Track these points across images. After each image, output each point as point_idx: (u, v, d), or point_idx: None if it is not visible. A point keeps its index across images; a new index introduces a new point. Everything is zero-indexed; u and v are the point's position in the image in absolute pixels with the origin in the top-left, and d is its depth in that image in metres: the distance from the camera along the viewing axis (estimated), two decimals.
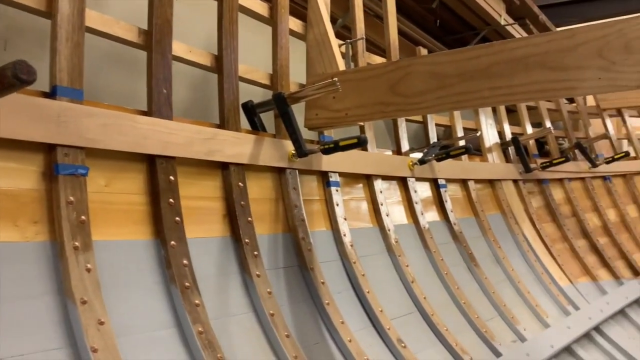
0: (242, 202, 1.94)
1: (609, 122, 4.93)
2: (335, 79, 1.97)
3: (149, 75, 1.78)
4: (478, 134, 3.29)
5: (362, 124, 2.37)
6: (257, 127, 2.24)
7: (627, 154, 4.27)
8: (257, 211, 2.03)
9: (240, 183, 1.96)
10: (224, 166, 1.95)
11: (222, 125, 1.99)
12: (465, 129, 3.64)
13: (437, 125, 3.61)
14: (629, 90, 1.71)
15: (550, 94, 1.85)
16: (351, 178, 2.60)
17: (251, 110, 2.22)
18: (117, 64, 2.32)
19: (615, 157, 4.26)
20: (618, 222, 4.42)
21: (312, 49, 2.42)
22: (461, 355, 2.34)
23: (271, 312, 1.82)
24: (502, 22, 4.20)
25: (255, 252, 1.91)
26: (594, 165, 4.26)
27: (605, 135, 4.61)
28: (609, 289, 3.69)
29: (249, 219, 1.95)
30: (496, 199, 3.61)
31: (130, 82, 2.28)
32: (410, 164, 2.91)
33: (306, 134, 2.41)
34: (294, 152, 2.15)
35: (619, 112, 5.09)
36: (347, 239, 2.34)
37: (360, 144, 1.99)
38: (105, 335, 1.36)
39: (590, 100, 5.22)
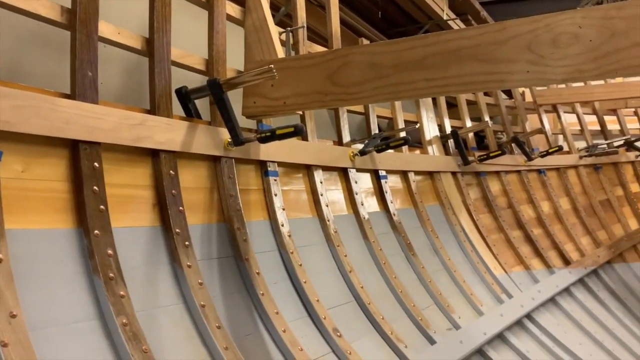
0: (174, 191, 1.88)
1: (544, 118, 5.11)
2: (272, 66, 1.94)
3: (72, 56, 1.69)
4: (417, 126, 3.33)
5: (301, 113, 2.34)
6: (191, 114, 2.17)
7: (560, 148, 4.44)
8: (190, 200, 1.97)
9: (171, 171, 1.90)
10: (154, 153, 1.88)
11: (153, 110, 1.92)
12: (406, 121, 3.68)
13: (379, 117, 3.63)
14: (555, 83, 1.77)
15: (481, 86, 1.89)
16: (291, 168, 2.57)
17: (185, 96, 2.15)
18: (45, 46, 2.19)
19: (550, 151, 4.41)
20: (551, 214, 4.59)
21: (251, 35, 2.37)
22: (396, 343, 2.37)
23: (202, 303, 1.77)
24: (445, 17, 4.27)
25: (187, 242, 1.85)
26: (530, 158, 4.40)
27: (541, 130, 4.77)
28: (541, 278, 3.84)
29: (180, 208, 1.89)
30: (435, 191, 3.68)
31: (60, 65, 2.16)
32: (351, 154, 2.92)
33: (245, 122, 2.38)
34: (229, 140, 2.11)
35: (554, 108, 5.28)
36: (285, 229, 2.32)
37: (297, 133, 1.96)
38: (16, 328, 1.28)
39: (529, 96, 5.39)
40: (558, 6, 1.82)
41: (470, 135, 4.28)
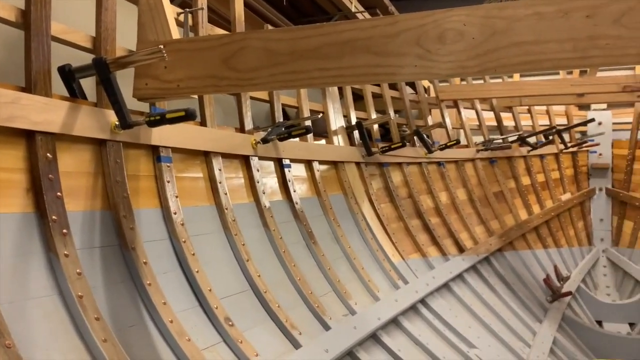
0: (50, 175, 1.75)
1: (446, 113, 5.33)
2: (161, 46, 1.84)
3: None
4: (320, 116, 3.34)
5: (195, 97, 2.26)
6: (75, 94, 2.03)
7: (457, 142, 4.64)
8: (70, 186, 1.85)
9: (48, 154, 1.76)
10: (28, 135, 1.74)
11: (29, 88, 1.77)
12: (312, 110, 3.68)
13: (286, 106, 3.62)
14: (440, 78, 1.82)
15: (373, 78, 1.90)
16: (187, 154, 2.48)
17: (69, 74, 2.01)
18: None
19: (448, 144, 4.61)
20: (449, 204, 4.81)
21: (144, 13, 2.24)
22: (290, 330, 2.37)
23: (79, 294, 1.67)
24: (353, 9, 4.31)
25: (65, 230, 1.73)
26: (430, 151, 4.56)
27: (441, 124, 4.97)
28: (436, 265, 4.01)
29: (59, 194, 1.76)
30: (339, 180, 3.72)
31: None
32: (254, 142, 2.87)
33: (139, 105, 2.26)
34: (117, 123, 1.99)
35: (455, 104, 5.52)
36: (177, 218, 2.24)
37: (188, 117, 1.88)
38: None
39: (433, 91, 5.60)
40: (466, 5, 1.87)
41: (376, 127, 4.38)
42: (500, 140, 5.57)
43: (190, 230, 2.29)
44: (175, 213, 2.23)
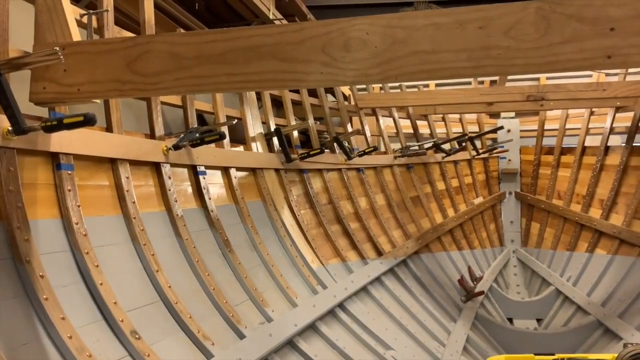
0: None
1: (364, 120, 5.44)
2: (57, 48, 1.75)
3: None
4: (235, 122, 3.30)
5: (98, 101, 2.17)
6: None
7: (375, 149, 4.75)
8: None
9: None
10: None
11: None
12: (228, 116, 3.63)
13: (204, 112, 3.55)
14: (345, 85, 1.85)
15: (280, 84, 1.91)
16: (91, 161, 2.37)
17: None
18: None
19: (367, 150, 4.70)
20: (368, 209, 4.90)
21: (42, 14, 2.13)
22: (202, 341, 2.32)
23: None
24: (271, 17, 4.31)
25: None
26: (349, 157, 4.64)
27: (359, 131, 5.07)
28: (355, 269, 4.07)
29: None
30: (258, 187, 3.70)
31: None
32: (165, 148, 2.79)
33: (37, 110, 2.14)
34: (10, 128, 1.87)
35: (373, 112, 5.66)
36: (79, 228, 2.13)
37: (87, 122, 1.80)
38: None
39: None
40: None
41: (295, 134, 4.40)
42: (417, 147, 5.76)
43: (94, 241, 2.18)
44: (77, 223, 2.12)
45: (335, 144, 4.67)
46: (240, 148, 3.73)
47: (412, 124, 6.09)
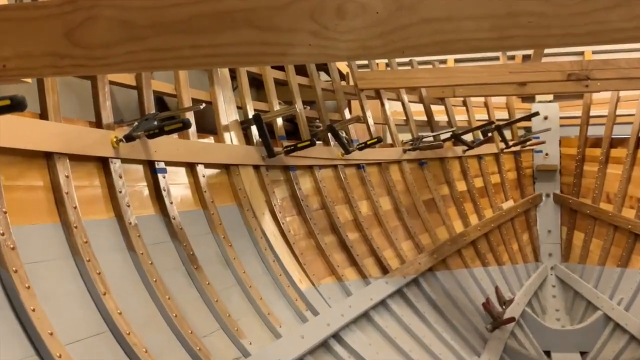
0: None
1: (366, 104, 5.44)
2: None
3: None
4: (203, 106, 3.29)
5: (29, 81, 2.17)
6: None
7: (379, 140, 4.75)
8: None
9: None
10: None
11: None
12: (195, 100, 3.61)
13: (165, 94, 3.54)
14: (339, 60, 1.85)
15: (259, 59, 1.91)
16: (21, 156, 2.35)
17: None
18: None
19: (368, 142, 4.70)
20: (370, 216, 4.92)
21: None
22: None
23: None
24: None
25: None
26: (347, 151, 4.63)
27: (359, 119, 5.07)
28: (354, 290, 4.08)
29: None
30: (232, 188, 3.69)
31: None
32: (114, 139, 2.78)
33: None
34: None
35: (377, 94, 5.66)
36: (6, 241, 2.11)
37: (15, 107, 1.80)
38: None
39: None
40: None
41: (280, 121, 4.39)
42: (431, 138, 5.78)
43: (25, 256, 2.17)
44: (2, 234, 2.11)
45: (329, 135, 4.67)
46: (210, 139, 3.73)
47: (426, 109, 6.11)
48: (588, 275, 6.47)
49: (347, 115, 5.17)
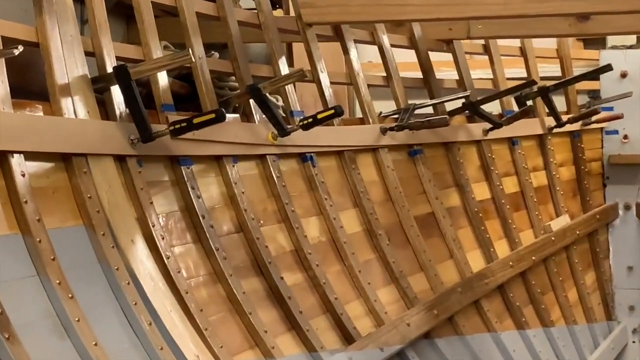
0: None
1: (317, 51, 5.40)
2: None
3: None
4: (19, 51, 3.21)
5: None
6: None
7: (339, 112, 4.68)
8: None
9: None
10: None
11: None
12: (10, 40, 3.50)
13: None
14: None
15: None
16: None
17: None
18: None
19: (320, 116, 4.64)
20: (324, 243, 4.88)
21: None
22: None
23: None
24: None
25: None
26: (284, 132, 4.60)
27: (304, 75, 4.94)
28: None
29: None
30: (76, 196, 3.66)
31: None
32: None
33: None
34: None
35: (336, 32, 5.65)
36: None
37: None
38: None
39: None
40: None
41: (164, 79, 4.35)
42: (430, 109, 5.76)
43: None
44: None
45: (252, 103, 4.64)
46: (39, 111, 3.62)
47: (421, 60, 6.09)
48: None
49: (285, 70, 5.13)
